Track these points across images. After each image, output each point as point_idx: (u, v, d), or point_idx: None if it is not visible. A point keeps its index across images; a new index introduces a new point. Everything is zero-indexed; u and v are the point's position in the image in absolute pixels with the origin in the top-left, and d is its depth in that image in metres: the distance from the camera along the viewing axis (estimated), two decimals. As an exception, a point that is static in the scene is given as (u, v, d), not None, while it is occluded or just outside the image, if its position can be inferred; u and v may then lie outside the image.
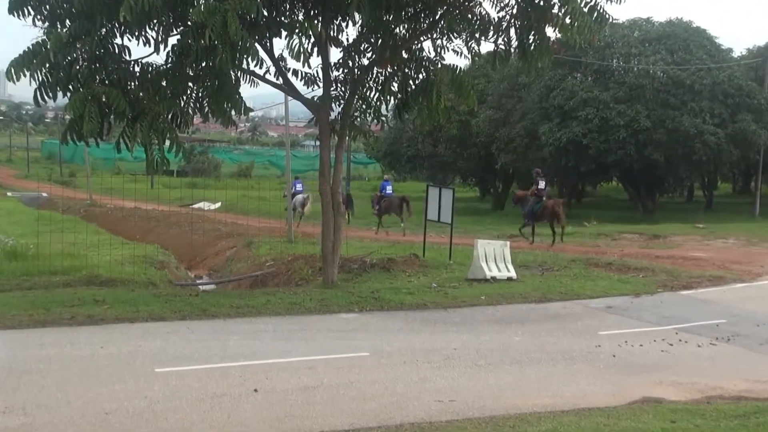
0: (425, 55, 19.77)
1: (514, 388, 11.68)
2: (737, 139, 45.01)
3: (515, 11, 18.22)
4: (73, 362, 12.28)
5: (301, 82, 19.57)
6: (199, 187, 55.38)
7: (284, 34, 16.49)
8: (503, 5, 18.33)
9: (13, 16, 16.56)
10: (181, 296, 18.21)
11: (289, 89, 19.96)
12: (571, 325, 16.34)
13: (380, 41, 18.90)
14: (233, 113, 18.35)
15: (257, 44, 16.91)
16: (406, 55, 19.65)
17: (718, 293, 20.19)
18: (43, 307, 16.11)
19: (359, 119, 20.90)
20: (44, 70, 16.07)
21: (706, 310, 18.04)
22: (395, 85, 19.93)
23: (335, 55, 20.26)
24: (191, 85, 17.71)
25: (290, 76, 19.34)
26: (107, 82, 16.56)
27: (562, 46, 19.80)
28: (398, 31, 19.07)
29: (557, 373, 12.57)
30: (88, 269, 21.28)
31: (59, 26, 16.35)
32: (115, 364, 12.23)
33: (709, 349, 14.50)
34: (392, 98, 20.24)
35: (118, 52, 16.82)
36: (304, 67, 17.94)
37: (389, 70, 19.72)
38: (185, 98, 17.86)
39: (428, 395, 11.08)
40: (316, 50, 18.42)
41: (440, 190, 25.38)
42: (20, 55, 15.71)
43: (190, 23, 15.62)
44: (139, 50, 17.35)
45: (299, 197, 38.75)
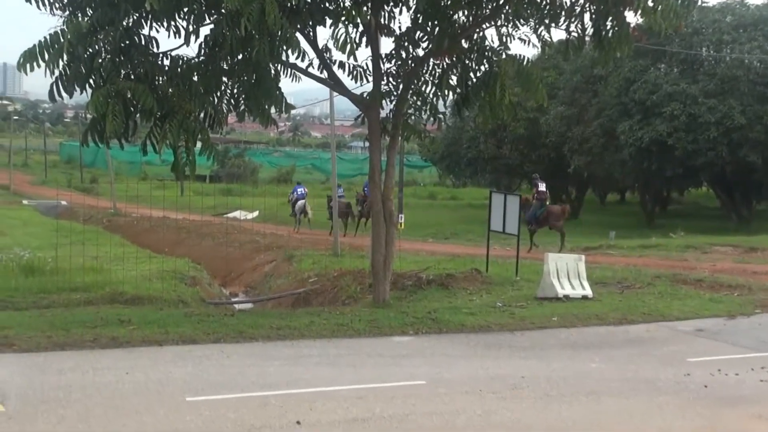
0: (488, 44, 19.71)
1: (590, 422, 11.54)
2: None
3: (590, -7, 18.11)
4: (95, 390, 12.39)
5: (347, 76, 19.63)
6: (234, 194, 55.84)
7: (329, 22, 16.60)
8: (577, -13, 18.24)
9: (29, 3, 16.81)
10: (214, 316, 18.31)
11: (334, 84, 20.04)
12: (655, 350, 16.13)
13: (437, 29, 18.85)
14: (272, 111, 18.43)
15: (299, 34, 16.99)
16: (466, 44, 19.61)
17: (826, 315, 19.83)
18: (62, 327, 16.28)
19: (413, 117, 20.88)
20: (62, 62, 16.24)
21: (812, 334, 17.73)
22: (454, 78, 19.89)
23: (386, 45, 20.33)
24: (226, 80, 17.83)
25: (336, 69, 19.41)
26: (133, 76, 16.74)
27: (643, 32, 19.59)
28: (457, 17, 19.04)
29: (640, 405, 12.40)
30: (111, 286, 21.51)
31: (80, 15, 16.57)
32: (142, 392, 12.32)
33: (816, 378, 14.23)
34: (450, 93, 20.22)
35: (144, 43, 16.99)
36: (350, 59, 17.97)
37: (447, 61, 19.69)
38: (219, 95, 17.99)
39: (493, 430, 11.00)
40: (364, 40, 18.47)
41: (505, 196, 25.28)
42: (34, 45, 15.91)
43: (224, 11, 15.73)
44: (168, 42, 17.54)
45: (300, 203, 43.28)
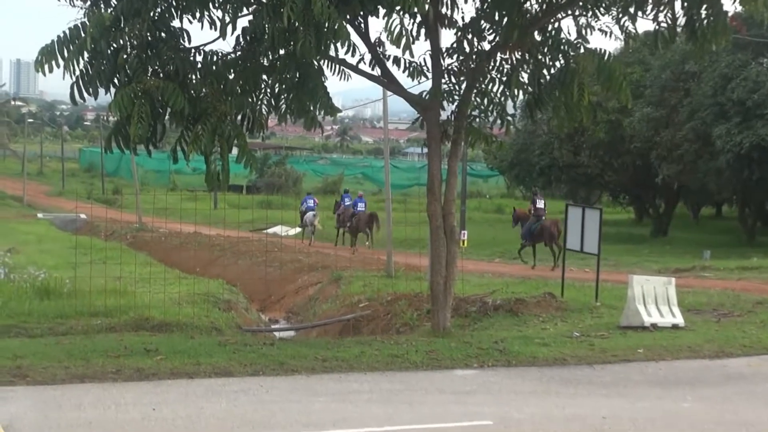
0: (564, 36, 19.60)
1: (683, 470, 11.42)
2: None
3: (682, -22, 17.98)
4: (118, 428, 12.48)
5: (403, 73, 19.65)
6: (274, 206, 55.99)
7: (382, 12, 16.57)
8: (666, -30, 18.11)
9: (48, -6, 17.06)
10: (252, 345, 18.38)
11: (388, 82, 20.06)
12: (758, 388, 15.95)
13: (506, 19, 18.81)
14: (318, 113, 18.46)
15: (348, 25, 17.03)
16: (539, 37, 19.54)
17: None
18: (81, 357, 16.44)
19: (478, 120, 20.86)
20: (83, 59, 16.45)
21: None
22: (524, 75, 19.84)
23: (447, 38, 20.31)
24: (265, 77, 17.95)
25: (390, 65, 19.44)
26: (161, 74, 16.91)
27: (743, 22, 19.42)
28: (529, 5, 19.00)
29: (740, 451, 12.26)
30: (136, 310, 21.71)
31: (102, 6, 16.76)
32: (170, 430, 12.39)
33: None
34: (521, 92, 20.17)
35: (174, 37, 17.17)
36: (407, 54, 17.89)
37: (517, 56, 19.65)
38: (258, 94, 18.11)
39: (570, 478, 10.92)
40: (422, 32, 18.48)
41: (583, 210, 25.12)
42: (53, 41, 16.11)
43: (264, 0, 15.84)
44: (200, 35, 17.69)
45: (310, 215, 46.70)
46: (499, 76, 19.96)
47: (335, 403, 14.18)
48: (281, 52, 16.87)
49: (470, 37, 19.61)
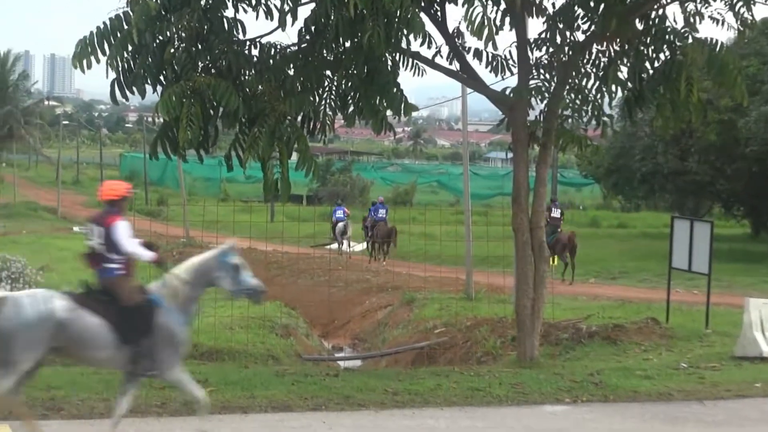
0: (669, 25, 19.53)
1: None
2: None
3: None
4: (163, 468, 12.61)
5: (485, 67, 19.71)
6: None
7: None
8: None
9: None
10: (313, 376, 18.46)
11: (468, 78, 20.12)
12: None
13: (602, 6, 18.78)
14: (388, 113, 18.53)
15: (423, 14, 17.11)
16: (640, 25, 19.47)
17: None
18: (122, 388, 16.61)
19: (570, 120, 20.83)
20: (125, 54, 16.67)
21: None
22: (624, 69, 19.78)
23: (535, 27, 20.31)
24: (330, 74, 18.07)
25: (470, 58, 19.50)
26: (213, 70, 17.09)
27: None
28: (629, -10, 18.95)
29: None
30: (183, 335, 21.91)
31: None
32: (221, 471, 12.49)
33: None
34: (619, 89, 20.10)
35: (228, 28, 17.33)
36: (489, 46, 17.85)
37: (615, 47, 19.60)
38: (321, 93, 18.24)
39: None
40: (507, 21, 18.49)
41: (691, 224, 24.93)
42: (92, 33, 16.34)
43: (328, -14, 15.96)
44: (257, 26, 17.86)
45: (340, 225, 49.60)
46: (594, 70, 19.93)
47: (408, 442, 14.21)
48: (347, 44, 16.98)
49: (562, 26, 19.58)
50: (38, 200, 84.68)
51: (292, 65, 17.61)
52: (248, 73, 17.48)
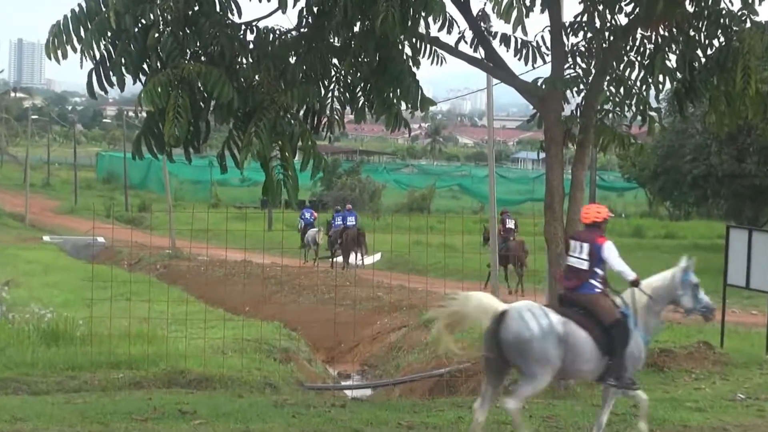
0: (724, 6, 19.51)
1: None
2: None
3: None
4: None
5: (514, 55, 19.74)
6: (345, 228, 56.27)
7: (487, -24, 16.67)
8: None
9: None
10: (317, 407, 18.48)
11: (494, 67, 20.13)
12: None
13: (648, -16, 18.80)
14: (403, 107, 18.50)
15: (443, -6, 17.13)
16: (691, 7, 19.45)
17: None
18: (98, 420, 16.59)
19: (611, 116, 20.83)
20: (103, 41, 16.66)
21: None
22: (672, 58, 19.76)
23: (572, 9, 20.32)
24: (337, 62, 18.08)
25: (496, 45, 19.52)
26: (203, 57, 17.09)
27: None
28: (679, -33, 18.97)
29: None
30: (169, 361, 21.93)
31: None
32: None
33: None
34: (667, 80, 20.07)
35: (220, 10, 17.33)
36: (518, 30, 17.93)
37: (663, 32, 19.59)
38: (327, 83, 18.25)
39: None
40: (539, 2, 18.52)
41: (750, 234, 24.90)
42: (66, 17, 16.35)
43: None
44: (253, 7, 17.85)
45: (312, 232, 52.15)
46: (638, 58, 19.93)
47: (425, 482, 14.24)
48: (357, 28, 16.99)
49: (602, 7, 19.61)
50: (3, 205, 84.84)
51: (293, 52, 17.62)
52: (244, 60, 17.48)
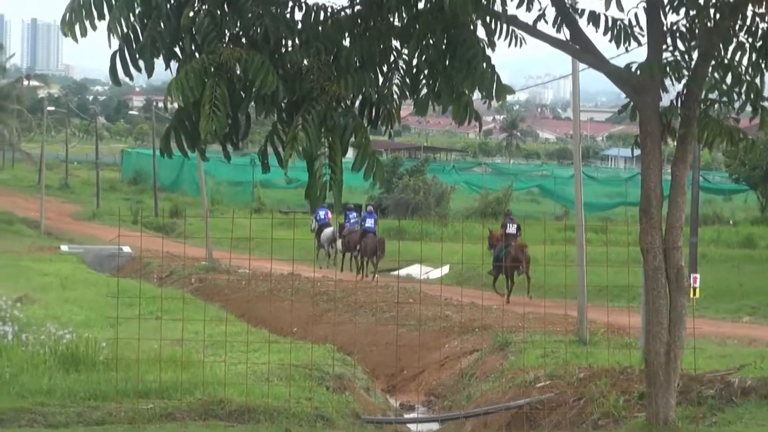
0: None
1: None
2: None
3: None
4: None
5: (604, 35, 19.63)
6: (408, 236, 56.32)
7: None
8: None
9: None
10: (376, 443, 18.52)
11: (580, 50, 20.02)
12: None
13: (761, -48, 18.67)
14: (475, 96, 18.43)
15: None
16: (814, -20, 19.32)
17: None
18: (125, 458, 16.74)
19: (718, 107, 20.68)
20: (131, 18, 16.67)
21: None
22: (790, 39, 19.62)
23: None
24: (398, 45, 18.03)
25: (583, 24, 19.43)
26: (244, 40, 17.08)
27: None
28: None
29: None
30: (205, 389, 21.98)
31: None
32: None
33: None
34: (785, 65, 19.94)
35: (264, -14, 17.35)
36: (609, 7, 17.87)
37: (779, 9, 19.45)
38: (386, 70, 18.20)
39: None
40: (634, -23, 18.44)
41: None
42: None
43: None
44: (303, -16, 17.85)
45: (328, 231, 53.16)
46: (750, 39, 19.75)
47: None
48: (421, 5, 16.95)
49: (707, -20, 19.49)
50: (15, 210, 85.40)
51: (347, 33, 17.57)
52: (290, 43, 17.44)
